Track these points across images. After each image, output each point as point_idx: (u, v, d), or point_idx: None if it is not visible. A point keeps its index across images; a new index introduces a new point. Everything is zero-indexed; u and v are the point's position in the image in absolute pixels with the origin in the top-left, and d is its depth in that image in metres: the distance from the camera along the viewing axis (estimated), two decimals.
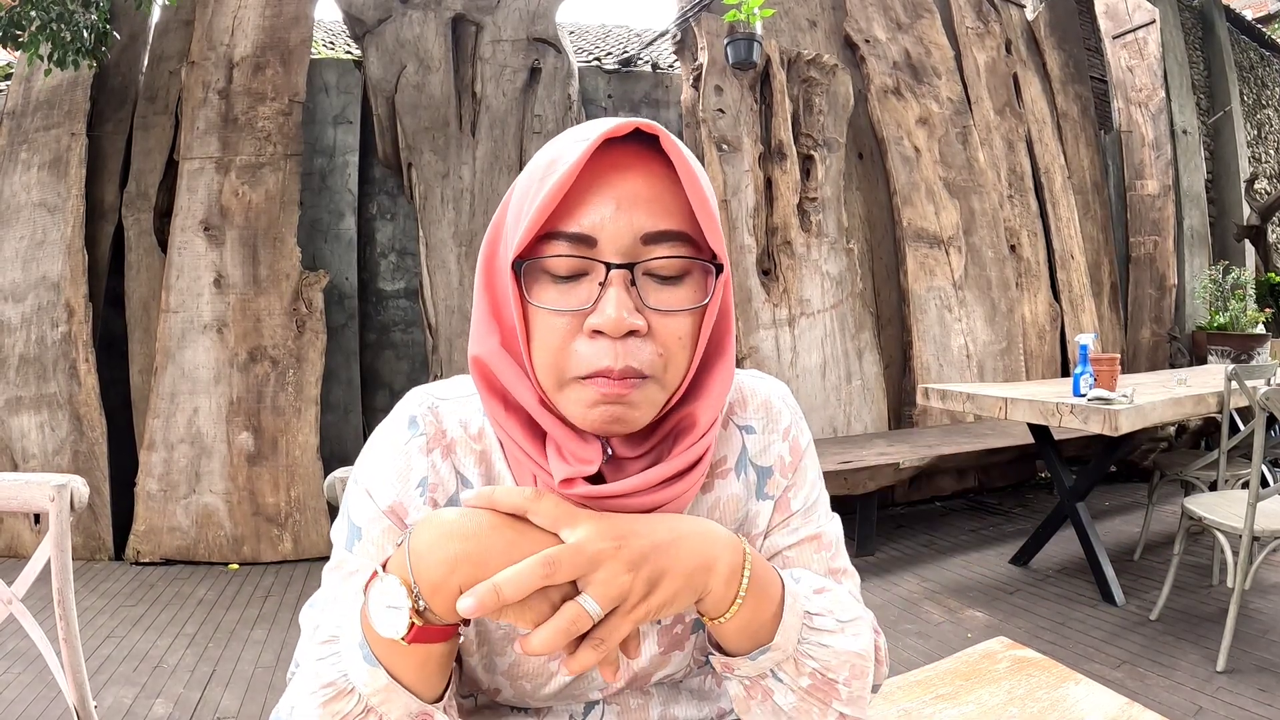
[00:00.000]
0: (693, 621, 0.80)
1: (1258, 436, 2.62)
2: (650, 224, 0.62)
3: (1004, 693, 0.83)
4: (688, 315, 0.64)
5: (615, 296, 0.61)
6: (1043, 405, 3.03)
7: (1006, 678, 0.87)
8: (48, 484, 1.20)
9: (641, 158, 0.64)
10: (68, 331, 4.00)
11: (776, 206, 4.72)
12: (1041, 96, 6.01)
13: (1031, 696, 0.83)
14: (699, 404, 0.69)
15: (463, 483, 0.73)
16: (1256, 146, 7.65)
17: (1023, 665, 0.90)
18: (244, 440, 3.99)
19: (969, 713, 0.79)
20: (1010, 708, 0.80)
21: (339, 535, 0.75)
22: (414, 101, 4.41)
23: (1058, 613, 3.22)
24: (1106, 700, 0.82)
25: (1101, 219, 6.22)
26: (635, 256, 0.62)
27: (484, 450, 0.75)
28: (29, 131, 4.18)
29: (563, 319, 0.62)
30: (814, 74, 4.85)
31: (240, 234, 4.12)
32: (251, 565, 3.94)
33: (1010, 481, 5.36)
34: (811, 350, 4.69)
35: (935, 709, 0.81)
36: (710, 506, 0.78)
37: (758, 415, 0.81)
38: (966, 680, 0.86)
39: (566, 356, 0.63)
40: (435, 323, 4.35)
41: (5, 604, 1.24)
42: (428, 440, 0.73)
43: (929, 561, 3.94)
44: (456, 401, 0.76)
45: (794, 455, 0.81)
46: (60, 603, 1.24)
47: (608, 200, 0.62)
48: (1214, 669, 2.63)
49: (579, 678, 0.77)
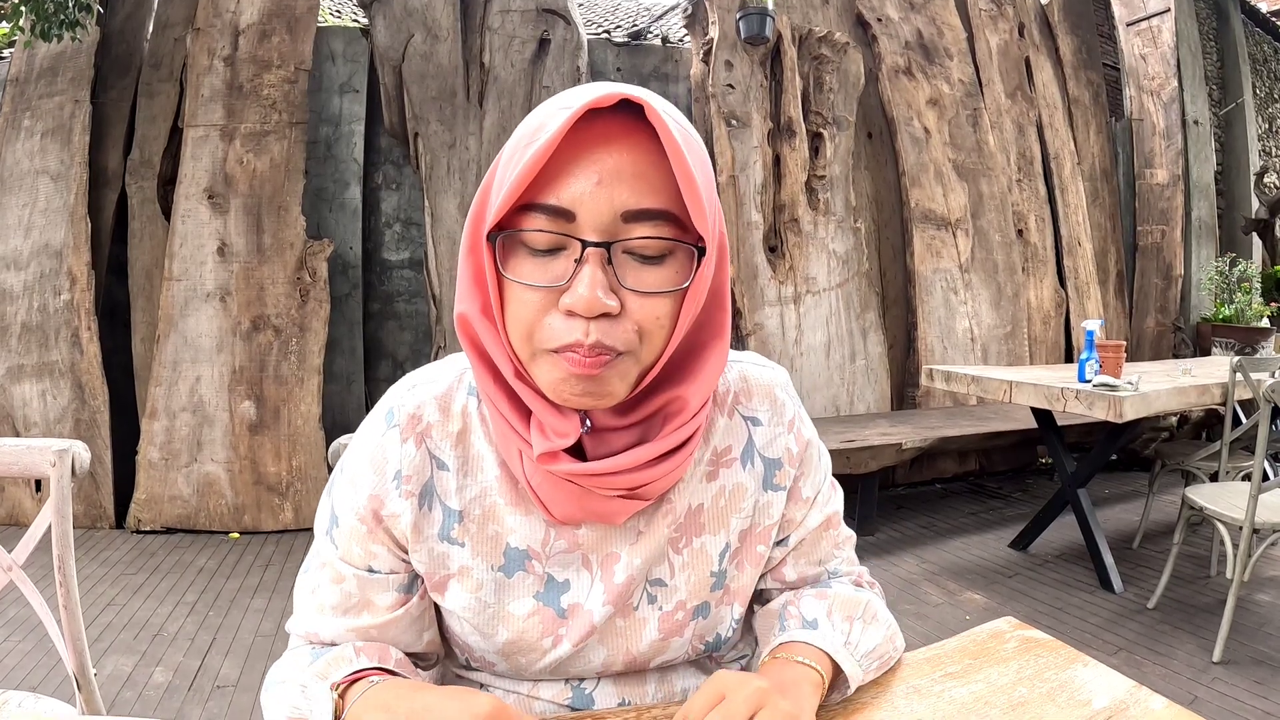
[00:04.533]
0: (694, 609, 0.80)
1: (1261, 429, 2.62)
2: (632, 201, 0.60)
3: (1013, 672, 0.83)
4: (667, 297, 0.63)
5: (590, 275, 0.59)
6: (1048, 390, 3.02)
7: (1015, 657, 0.86)
8: (49, 449, 1.19)
9: (629, 130, 0.61)
10: (70, 299, 3.98)
11: (784, 184, 4.69)
12: (1053, 81, 5.96)
13: (1040, 677, 0.82)
14: (690, 386, 0.68)
15: (437, 466, 0.74)
16: (1267, 140, 7.60)
17: (1031, 645, 0.89)
18: (246, 409, 3.99)
19: (978, 691, 0.79)
20: (1020, 687, 0.80)
21: (321, 519, 0.78)
22: (421, 71, 4.37)
23: (1056, 598, 3.24)
24: (1115, 682, 0.81)
25: (1110, 207, 6.19)
26: (614, 234, 0.61)
27: (463, 429, 0.75)
28: (32, 99, 4.15)
29: (537, 294, 0.61)
30: (825, 51, 4.80)
31: (244, 202, 4.09)
32: (252, 534, 3.95)
33: (1012, 466, 5.37)
34: (816, 329, 4.68)
35: (945, 686, 0.80)
36: (715, 494, 0.79)
37: (763, 406, 0.82)
38: (975, 659, 0.86)
39: (540, 329, 0.62)
40: (439, 293, 4.33)
41: (5, 571, 1.24)
42: (401, 431, 0.74)
43: (929, 543, 3.96)
44: (436, 384, 0.76)
45: (800, 445, 0.83)
46: (60, 569, 1.23)
47: (589, 173, 0.60)
48: (1210, 659, 2.65)
49: (573, 658, 0.78)
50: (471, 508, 0.74)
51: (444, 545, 0.75)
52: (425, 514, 0.74)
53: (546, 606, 0.76)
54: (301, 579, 0.79)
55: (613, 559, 0.76)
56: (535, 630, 0.76)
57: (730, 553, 0.80)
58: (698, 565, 0.79)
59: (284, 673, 0.74)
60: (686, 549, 0.78)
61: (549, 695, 0.81)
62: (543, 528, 0.75)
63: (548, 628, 0.76)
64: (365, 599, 0.75)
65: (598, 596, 0.76)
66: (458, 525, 0.74)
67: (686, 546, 0.78)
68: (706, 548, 0.79)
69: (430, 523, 0.74)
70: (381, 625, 0.76)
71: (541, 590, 0.76)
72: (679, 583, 0.79)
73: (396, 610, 0.76)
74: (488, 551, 0.75)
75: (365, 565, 0.75)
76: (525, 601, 0.76)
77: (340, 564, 0.75)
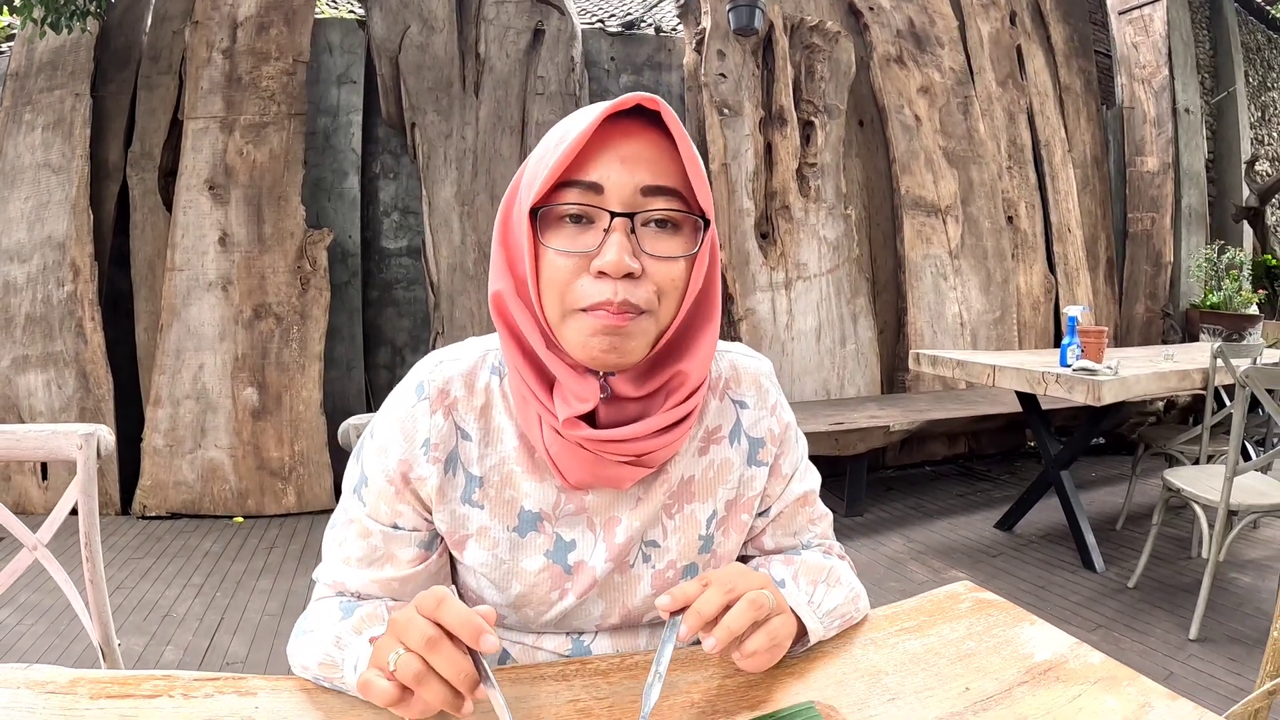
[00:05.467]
0: (683, 568, 0.91)
1: (1237, 413, 2.69)
2: (649, 179, 0.73)
3: (964, 628, 0.91)
4: (680, 262, 0.75)
5: (617, 241, 0.71)
6: (1029, 374, 3.10)
7: (967, 616, 0.95)
8: (75, 433, 1.27)
9: (642, 126, 0.74)
10: (73, 290, 4.05)
11: (776, 171, 4.75)
12: (1045, 69, 6.00)
13: (989, 633, 0.90)
14: (689, 363, 0.79)
15: (462, 436, 0.84)
16: (1260, 128, 7.63)
17: (983, 606, 0.98)
18: (249, 396, 4.07)
19: (930, 643, 0.87)
20: (968, 641, 0.88)
21: (350, 479, 0.87)
22: (418, 62, 4.43)
23: (1038, 576, 3.32)
24: (1058, 638, 0.89)
25: (1100, 194, 6.25)
26: (635, 206, 0.73)
27: (485, 404, 0.85)
28: (32, 93, 4.20)
29: (571, 260, 0.73)
30: (817, 40, 4.85)
31: (245, 193, 4.16)
32: (256, 518, 4.04)
33: (1000, 450, 5.46)
34: (807, 313, 4.75)
35: (899, 639, 0.89)
36: (706, 467, 0.90)
37: (750, 392, 0.93)
38: (930, 616, 0.94)
39: (572, 291, 0.73)
40: (437, 280, 4.41)
41: (30, 550, 1.32)
42: (431, 403, 0.83)
43: (916, 523, 4.05)
44: (462, 362, 0.86)
45: (780, 427, 0.94)
46: (87, 545, 1.32)
47: (614, 158, 0.72)
48: (1187, 637, 2.72)
49: (576, 610, 0.88)
50: (491, 474, 0.84)
51: (465, 508, 0.84)
52: (450, 479, 0.84)
53: (555, 563, 0.86)
54: (329, 534, 0.88)
55: (614, 522, 0.86)
56: (545, 584, 0.86)
57: (717, 520, 0.91)
58: (688, 529, 0.89)
59: (313, 623, 0.82)
60: (678, 514, 0.89)
61: (551, 646, 0.90)
62: (554, 493, 0.85)
63: (555, 582, 0.86)
64: (389, 553, 0.85)
65: (600, 555, 0.86)
66: (478, 490, 0.84)
67: (678, 512, 0.89)
68: (696, 514, 0.89)
69: (454, 487, 0.84)
70: (403, 578, 0.85)
71: (551, 549, 0.86)
72: (670, 544, 0.89)
73: (417, 565, 0.86)
74: (504, 514, 0.85)
75: (391, 522, 0.84)
76: (536, 559, 0.86)
77: (367, 520, 0.85)
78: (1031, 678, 0.81)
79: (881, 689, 0.79)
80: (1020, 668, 0.83)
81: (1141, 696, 0.77)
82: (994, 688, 0.79)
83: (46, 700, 0.73)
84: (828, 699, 0.76)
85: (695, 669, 0.82)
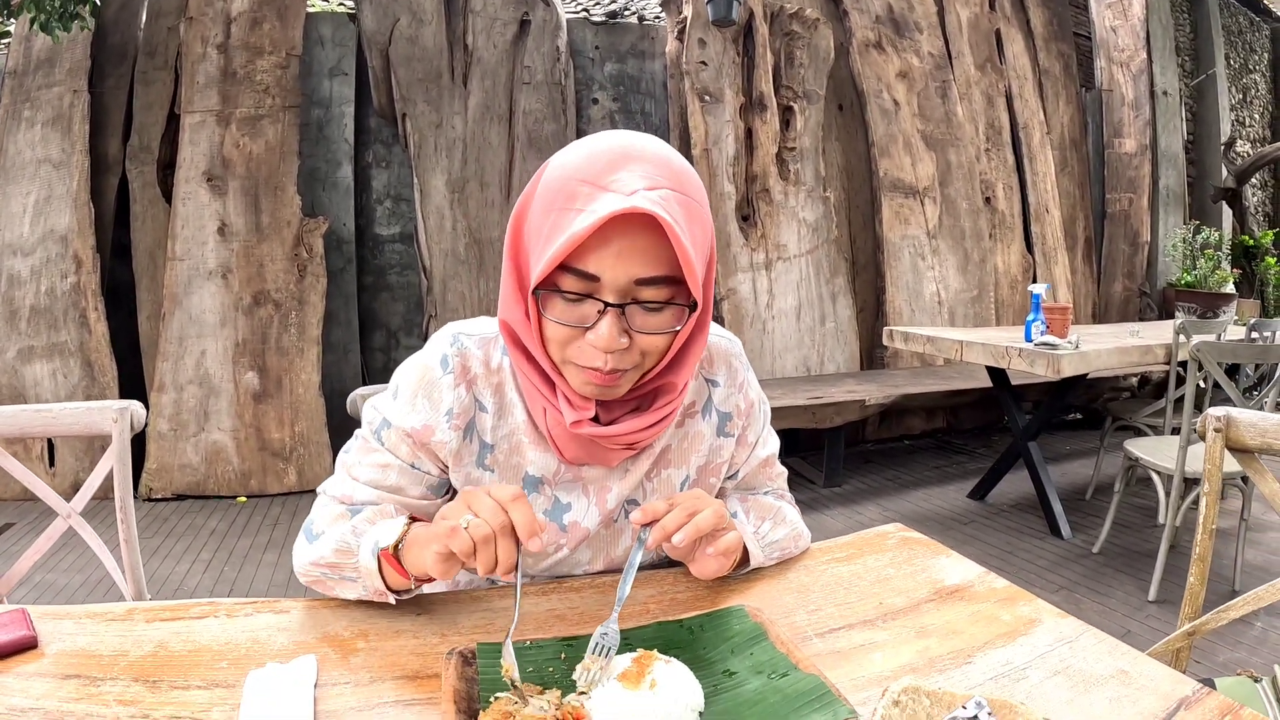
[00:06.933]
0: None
1: (1189, 384, 2.86)
2: (642, 270, 0.81)
3: (887, 559, 1.07)
4: (666, 335, 0.87)
5: (609, 324, 0.82)
6: (994, 348, 3.27)
7: (893, 550, 1.10)
8: (110, 408, 1.41)
9: (642, 214, 0.77)
10: (76, 282, 4.16)
11: (756, 155, 4.88)
12: (1024, 53, 6.10)
13: (909, 563, 1.06)
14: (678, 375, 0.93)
15: (479, 408, 0.98)
16: (1242, 110, 7.72)
17: (909, 543, 1.13)
18: (250, 380, 4.21)
19: (856, 570, 1.03)
20: (889, 569, 1.04)
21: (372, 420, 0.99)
22: (407, 54, 4.54)
23: (1007, 543, 3.49)
24: (970, 568, 1.04)
25: (1079, 175, 6.36)
26: (627, 295, 0.82)
27: (500, 383, 0.99)
28: (31, 90, 4.28)
29: (568, 329, 0.84)
30: (796, 28, 4.97)
31: (242, 184, 4.28)
32: (259, 497, 4.19)
33: (978, 424, 5.63)
34: (787, 293, 4.90)
35: (829, 567, 1.04)
36: (681, 439, 1.05)
37: (721, 371, 1.08)
38: (859, 549, 1.10)
39: (569, 348, 0.86)
40: (430, 265, 4.55)
41: (65, 519, 1.46)
42: (454, 377, 0.96)
43: (892, 494, 4.22)
44: (480, 339, 0.99)
45: (747, 403, 1.09)
46: (121, 508, 1.47)
47: (610, 252, 0.80)
48: (1146, 598, 2.88)
49: (567, 559, 1.04)
50: (501, 443, 0.98)
51: (478, 471, 0.98)
52: (467, 445, 0.97)
53: (552, 522, 1.00)
54: (343, 457, 1.01)
55: (605, 489, 1.01)
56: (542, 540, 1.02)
57: (689, 484, 1.06)
58: (664, 491, 1.05)
59: (321, 525, 0.96)
60: (656, 478, 1.04)
61: None
62: (555, 462, 0.99)
63: (552, 538, 1.01)
64: (399, 484, 0.98)
65: (593, 516, 1.01)
66: (490, 455, 0.98)
67: (656, 476, 1.04)
68: (671, 478, 1.05)
69: (469, 452, 0.98)
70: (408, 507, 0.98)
71: (549, 509, 1.00)
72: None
73: (422, 501, 0.99)
74: (510, 478, 0.99)
75: (409, 462, 0.98)
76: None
77: (386, 453, 0.97)
78: (939, 597, 0.96)
79: (807, 601, 0.95)
80: (930, 589, 0.98)
81: (1034, 614, 0.92)
82: (903, 603, 0.94)
83: (108, 626, 0.87)
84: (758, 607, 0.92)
85: (652, 586, 0.99)
